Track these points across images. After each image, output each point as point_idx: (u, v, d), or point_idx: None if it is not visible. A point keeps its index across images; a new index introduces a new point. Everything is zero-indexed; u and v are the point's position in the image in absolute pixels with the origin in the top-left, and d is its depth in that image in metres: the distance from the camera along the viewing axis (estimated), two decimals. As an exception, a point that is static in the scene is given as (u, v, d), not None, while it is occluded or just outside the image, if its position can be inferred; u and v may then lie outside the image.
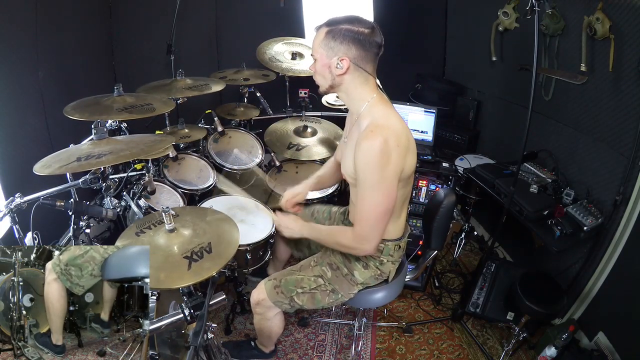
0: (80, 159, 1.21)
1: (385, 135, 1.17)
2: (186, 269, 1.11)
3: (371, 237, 1.27)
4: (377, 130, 1.18)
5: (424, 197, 2.26)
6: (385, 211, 1.24)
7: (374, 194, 1.22)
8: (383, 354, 1.94)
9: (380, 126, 1.20)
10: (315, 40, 1.25)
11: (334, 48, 1.21)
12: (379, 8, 2.63)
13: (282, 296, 1.45)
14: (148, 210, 1.72)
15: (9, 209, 1.24)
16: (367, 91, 1.27)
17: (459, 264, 2.51)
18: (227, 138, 2.33)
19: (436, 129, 2.55)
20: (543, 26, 1.95)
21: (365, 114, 1.27)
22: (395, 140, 1.19)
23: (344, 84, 1.26)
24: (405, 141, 1.23)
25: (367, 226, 1.26)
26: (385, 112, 1.26)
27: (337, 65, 1.21)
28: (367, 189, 1.22)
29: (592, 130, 1.87)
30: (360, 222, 1.27)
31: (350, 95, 1.30)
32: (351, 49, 1.20)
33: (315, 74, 1.30)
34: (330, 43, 1.21)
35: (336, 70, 1.23)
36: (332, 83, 1.27)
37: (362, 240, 1.28)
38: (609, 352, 1.70)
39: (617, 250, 1.74)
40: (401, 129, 1.24)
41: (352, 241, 1.30)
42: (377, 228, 1.26)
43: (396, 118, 1.26)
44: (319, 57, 1.25)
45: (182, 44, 2.70)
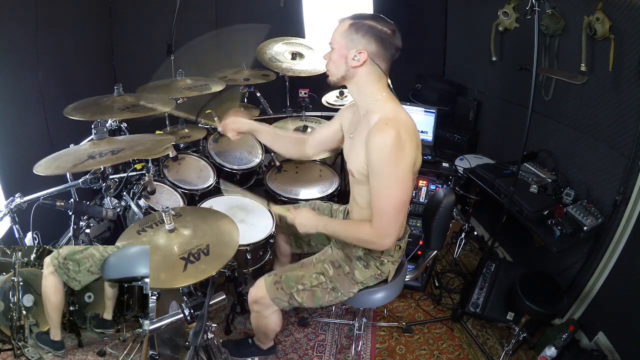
0: (81, 160, 1.21)
1: (397, 127, 1.19)
2: (182, 270, 1.10)
3: (390, 231, 1.27)
4: (390, 123, 1.20)
5: (424, 197, 2.26)
6: (402, 204, 1.25)
7: (391, 187, 1.22)
8: (383, 354, 1.94)
9: (392, 119, 1.22)
10: (337, 31, 1.27)
11: (354, 40, 1.23)
12: (379, 8, 2.63)
13: (282, 292, 1.45)
14: (148, 210, 1.72)
15: (9, 209, 1.24)
16: (379, 88, 1.29)
17: (459, 264, 2.51)
18: (227, 138, 2.31)
19: (436, 129, 2.55)
20: (543, 26, 1.95)
21: (376, 110, 1.28)
22: (407, 133, 1.21)
23: (357, 77, 1.28)
24: (415, 136, 1.26)
25: (385, 220, 1.26)
26: (395, 108, 1.28)
27: (355, 57, 1.23)
28: (383, 183, 1.23)
29: (592, 130, 1.87)
30: (378, 216, 1.27)
31: (361, 89, 1.31)
32: (371, 44, 1.22)
33: (328, 62, 1.31)
34: (352, 35, 1.23)
35: (352, 62, 1.24)
36: (345, 74, 1.28)
37: (381, 234, 1.28)
38: (609, 352, 1.70)
39: (617, 250, 1.74)
40: (412, 124, 1.26)
41: (372, 236, 1.29)
42: (396, 221, 1.27)
43: (406, 114, 1.28)
44: (337, 46, 1.26)
45: (182, 44, 2.70)
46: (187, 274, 1.09)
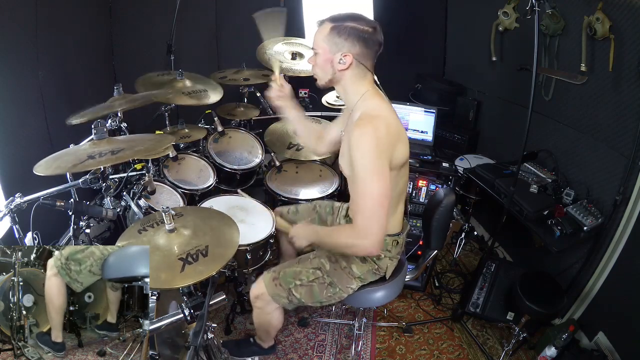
0: (81, 160, 1.21)
1: (374, 123, 1.20)
2: (179, 270, 1.10)
3: (370, 230, 1.20)
4: (367, 119, 1.21)
5: (424, 197, 2.26)
6: (380, 200, 1.20)
7: (367, 183, 1.20)
8: (383, 354, 1.94)
9: (371, 116, 1.23)
10: (318, 35, 1.27)
11: (338, 44, 1.23)
12: (379, 8, 2.63)
13: (280, 289, 1.45)
14: (148, 210, 1.72)
15: (9, 209, 1.24)
16: (363, 85, 1.30)
17: (459, 264, 2.51)
18: (227, 138, 2.33)
19: (436, 129, 2.55)
20: (543, 26, 1.95)
21: (359, 107, 1.29)
22: (385, 128, 1.21)
23: (344, 79, 1.30)
24: (395, 129, 1.25)
25: (364, 217, 1.22)
26: (377, 104, 1.28)
27: (340, 60, 1.24)
28: (360, 179, 1.21)
29: (592, 130, 1.87)
30: (357, 214, 1.24)
31: (347, 89, 1.32)
32: (355, 46, 1.23)
33: (314, 67, 1.32)
34: (335, 39, 1.23)
35: (338, 66, 1.25)
36: (332, 77, 1.30)
37: (361, 234, 1.22)
38: (609, 352, 1.70)
39: (617, 250, 1.74)
40: (391, 119, 1.26)
41: (352, 237, 1.25)
42: (375, 220, 1.21)
43: (388, 109, 1.28)
44: (321, 51, 1.27)
45: (182, 44, 2.70)
46: (184, 274, 1.09)
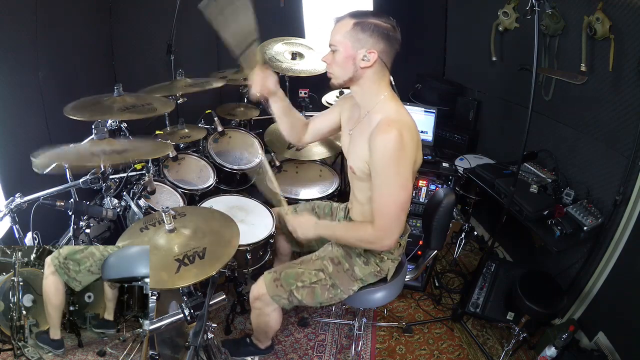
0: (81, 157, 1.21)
1: (399, 128, 1.19)
2: (174, 272, 1.09)
3: (392, 231, 1.28)
4: (392, 125, 1.20)
5: (424, 197, 2.26)
6: (403, 204, 1.26)
7: (392, 188, 1.23)
8: (383, 354, 1.94)
9: (395, 120, 1.22)
10: (339, 31, 1.23)
11: (362, 40, 1.20)
12: (378, 8, 2.63)
13: (281, 289, 1.45)
14: (148, 210, 1.72)
15: (9, 209, 1.24)
16: (382, 87, 1.29)
17: (459, 264, 2.51)
18: (227, 138, 2.33)
19: (436, 129, 2.54)
20: (543, 26, 1.95)
21: (378, 110, 1.28)
22: (409, 133, 1.22)
23: (364, 78, 1.27)
24: (416, 135, 1.27)
25: (387, 220, 1.27)
26: (397, 108, 1.28)
27: (364, 57, 1.22)
28: (385, 183, 1.23)
29: (592, 130, 1.87)
30: (380, 216, 1.27)
31: (365, 89, 1.30)
32: (379, 43, 1.21)
33: (332, 64, 1.27)
34: (359, 35, 1.20)
35: (361, 63, 1.22)
36: (353, 75, 1.26)
37: (382, 234, 1.28)
38: (609, 352, 1.70)
39: (617, 250, 1.74)
40: (412, 124, 1.27)
41: (374, 236, 1.30)
42: (397, 222, 1.27)
43: (407, 114, 1.29)
44: (342, 48, 1.23)
45: (182, 44, 2.70)
46: (178, 276, 1.08)
